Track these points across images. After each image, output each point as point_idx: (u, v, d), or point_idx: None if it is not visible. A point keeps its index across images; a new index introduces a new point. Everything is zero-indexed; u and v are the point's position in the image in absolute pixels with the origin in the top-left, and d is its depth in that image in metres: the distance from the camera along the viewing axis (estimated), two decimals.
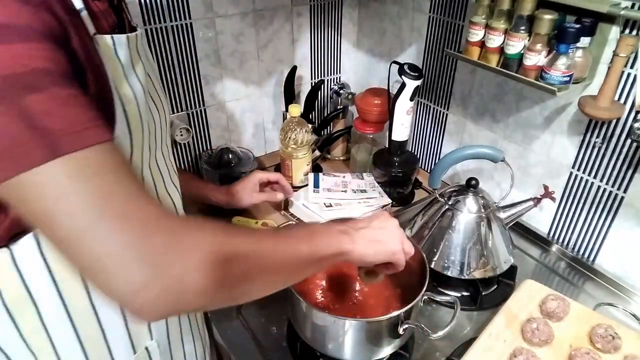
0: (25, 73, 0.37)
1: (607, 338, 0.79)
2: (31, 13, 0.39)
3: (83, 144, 0.38)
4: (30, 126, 0.36)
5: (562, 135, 1.00)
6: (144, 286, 0.39)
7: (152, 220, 0.41)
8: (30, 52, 0.38)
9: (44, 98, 0.37)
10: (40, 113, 0.37)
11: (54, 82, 0.39)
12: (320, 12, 1.33)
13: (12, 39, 0.37)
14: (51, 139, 0.37)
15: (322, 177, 1.19)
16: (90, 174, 0.39)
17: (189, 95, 1.21)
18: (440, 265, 0.93)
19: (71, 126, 0.38)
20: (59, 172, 0.37)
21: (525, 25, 0.87)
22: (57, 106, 0.38)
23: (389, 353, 0.79)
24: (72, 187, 0.38)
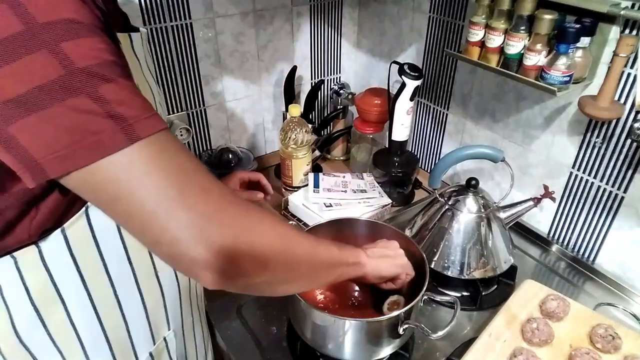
0: (99, 64, 0.39)
1: (607, 338, 0.79)
2: (89, 10, 0.41)
3: (154, 128, 0.41)
4: (107, 114, 0.39)
5: (562, 135, 1.00)
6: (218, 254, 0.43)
7: (227, 194, 0.45)
8: (99, 45, 0.40)
9: (115, 87, 0.40)
10: (114, 101, 0.39)
11: (120, 73, 0.41)
12: (320, 12, 1.33)
13: (81, 33, 0.39)
14: (127, 126, 0.40)
15: (322, 177, 1.19)
16: (166, 155, 0.42)
17: (189, 95, 1.21)
18: (440, 265, 0.93)
19: (141, 113, 0.41)
20: (139, 155, 0.40)
21: (525, 25, 0.87)
22: (127, 95, 0.41)
23: (389, 353, 0.79)
24: (152, 166, 0.41)
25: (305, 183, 1.22)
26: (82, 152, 0.38)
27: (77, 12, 0.39)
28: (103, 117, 0.39)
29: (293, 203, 1.15)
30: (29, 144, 0.38)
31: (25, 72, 0.37)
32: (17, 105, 0.37)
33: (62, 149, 0.38)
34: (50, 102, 0.37)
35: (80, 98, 0.38)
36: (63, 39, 0.38)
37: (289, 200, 1.16)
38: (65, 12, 0.39)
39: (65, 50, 0.38)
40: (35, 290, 0.53)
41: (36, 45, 0.37)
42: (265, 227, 0.48)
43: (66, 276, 0.54)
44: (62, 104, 0.38)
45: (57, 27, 0.38)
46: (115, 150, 0.39)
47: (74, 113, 0.38)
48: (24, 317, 0.54)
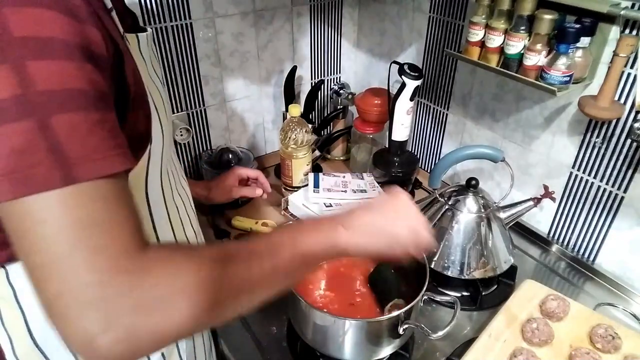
0: (61, 91, 0.37)
1: (607, 338, 0.79)
2: (77, 29, 0.38)
3: (95, 173, 0.38)
4: (48, 148, 0.36)
5: (562, 135, 1.00)
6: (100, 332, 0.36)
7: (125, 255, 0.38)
8: (69, 70, 0.37)
9: (71, 120, 0.37)
10: (62, 135, 0.36)
11: (86, 104, 0.38)
12: (320, 12, 1.33)
13: (55, 55, 0.37)
14: (67, 165, 0.36)
15: (322, 177, 1.19)
16: (84, 202, 0.37)
17: (189, 95, 1.21)
18: (440, 265, 0.93)
19: (90, 153, 0.38)
20: (66, 199, 0.37)
21: (525, 25, 0.87)
22: (81, 130, 0.37)
23: (389, 353, 0.79)
24: (59, 212, 0.37)
25: (305, 183, 1.22)
26: (10, 183, 0.35)
27: (58, 30, 0.37)
28: (44, 151, 0.36)
29: (293, 203, 1.15)
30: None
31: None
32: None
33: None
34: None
35: (27, 124, 0.35)
36: (32, 57, 0.36)
37: (289, 200, 1.16)
38: (44, 29, 0.36)
39: (29, 69, 0.35)
40: None
41: (1, 58, 0.35)
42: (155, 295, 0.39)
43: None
44: (8, 126, 0.35)
45: (30, 44, 0.36)
46: (43, 190, 0.36)
47: (16, 138, 0.35)
48: (39, 320, 0.54)
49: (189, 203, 0.73)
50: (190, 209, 0.73)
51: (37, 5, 0.36)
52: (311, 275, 0.93)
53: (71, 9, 0.38)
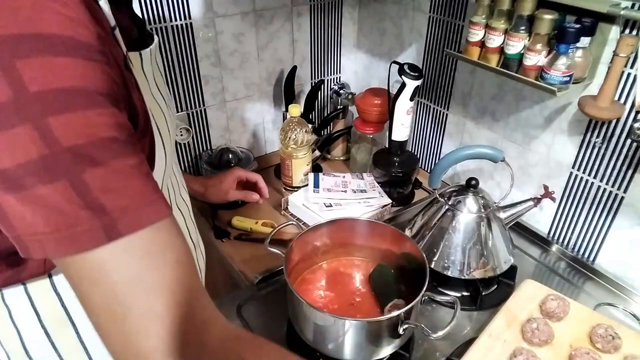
0: (89, 144, 0.35)
1: (607, 338, 0.79)
2: (99, 72, 0.36)
3: (140, 224, 0.37)
4: (87, 205, 0.35)
5: (562, 135, 1.00)
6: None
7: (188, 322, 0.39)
8: (96, 119, 0.36)
9: (103, 173, 0.36)
10: (98, 190, 0.35)
11: (118, 152, 0.37)
12: (320, 12, 1.33)
13: (75, 106, 0.35)
14: (108, 220, 0.36)
15: (322, 177, 1.19)
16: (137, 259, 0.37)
17: (189, 95, 1.21)
18: (440, 265, 0.93)
19: (131, 203, 0.37)
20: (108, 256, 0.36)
21: (525, 25, 0.87)
22: (118, 181, 0.36)
23: (389, 353, 0.79)
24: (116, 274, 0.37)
25: (305, 183, 1.22)
26: (57, 243, 0.35)
27: (79, 78, 0.35)
28: (82, 208, 0.35)
29: (293, 203, 1.15)
30: (13, 220, 0.36)
31: (9, 146, 0.33)
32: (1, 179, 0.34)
33: (40, 234, 0.35)
34: (29, 184, 0.34)
35: (60, 184, 0.34)
36: (52, 112, 0.34)
37: (289, 200, 1.16)
38: (63, 79, 0.34)
39: (52, 127, 0.34)
40: (46, 314, 0.53)
41: (22, 118, 0.33)
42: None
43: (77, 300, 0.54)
44: (41, 188, 0.34)
45: (47, 98, 0.34)
46: (88, 248, 0.36)
47: (51, 200, 0.34)
48: (34, 338, 0.54)
49: (189, 214, 0.72)
50: (190, 220, 0.72)
51: (50, 53, 0.34)
52: (311, 276, 0.93)
53: (87, 52, 0.36)
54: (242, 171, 1.08)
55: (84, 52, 0.36)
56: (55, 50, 0.34)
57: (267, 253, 0.89)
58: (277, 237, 0.93)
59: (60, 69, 0.34)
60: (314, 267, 0.95)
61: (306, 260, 0.93)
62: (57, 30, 0.35)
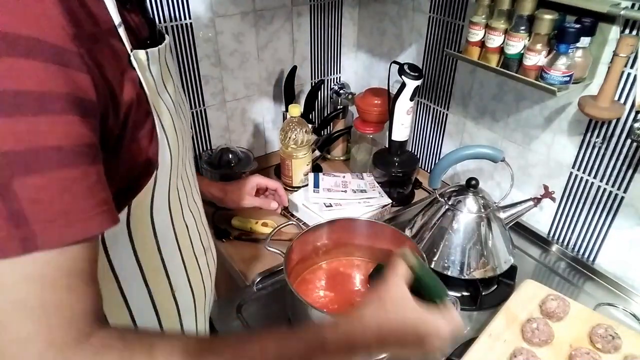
0: (29, 151, 0.34)
1: (607, 338, 0.79)
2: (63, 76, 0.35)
3: (59, 241, 0.36)
4: (10, 214, 0.34)
5: (562, 135, 1.00)
6: None
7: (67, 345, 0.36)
8: (44, 126, 0.34)
9: (36, 182, 0.34)
10: (26, 200, 0.34)
11: (61, 162, 0.35)
12: (320, 12, 1.33)
13: (29, 109, 0.34)
14: (28, 232, 0.34)
15: (322, 177, 1.19)
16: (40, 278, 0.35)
17: (189, 95, 1.21)
18: (440, 265, 0.93)
19: (58, 218, 0.35)
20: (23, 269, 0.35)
21: (525, 25, 0.87)
22: (49, 193, 0.35)
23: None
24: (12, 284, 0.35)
25: (305, 183, 1.22)
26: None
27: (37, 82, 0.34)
28: (3, 217, 0.34)
29: (293, 203, 1.15)
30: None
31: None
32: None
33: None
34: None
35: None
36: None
37: (289, 200, 1.16)
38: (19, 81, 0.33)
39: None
40: None
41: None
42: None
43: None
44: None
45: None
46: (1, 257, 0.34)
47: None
48: None
49: (200, 217, 0.71)
50: (201, 224, 0.71)
51: (12, 54, 0.33)
52: (311, 276, 0.93)
53: (54, 54, 0.35)
54: (262, 178, 1.06)
55: (50, 55, 0.35)
56: (16, 52, 0.33)
57: (267, 253, 0.89)
58: (277, 237, 0.93)
59: (19, 70, 0.33)
60: (314, 267, 0.95)
61: (306, 260, 0.93)
62: (25, 30, 0.34)
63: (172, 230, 0.60)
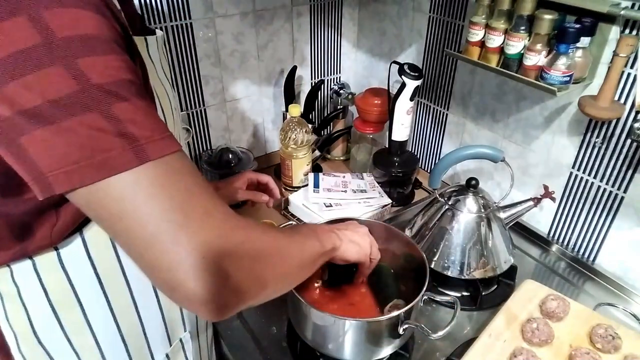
0: (114, 82, 0.39)
1: (607, 338, 0.79)
2: (109, 25, 0.41)
3: (164, 151, 0.41)
4: (118, 133, 0.38)
5: (562, 135, 1.00)
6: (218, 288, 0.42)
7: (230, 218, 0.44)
8: (116, 62, 0.40)
9: (129, 107, 0.40)
10: (127, 120, 0.39)
11: (136, 92, 0.41)
12: (320, 12, 1.33)
13: (100, 51, 0.39)
14: (137, 146, 0.39)
15: (322, 177, 1.19)
16: (174, 177, 0.41)
17: (189, 95, 1.21)
18: (440, 265, 0.93)
19: (154, 134, 0.40)
20: (146, 177, 0.40)
21: (525, 25, 0.87)
22: (140, 115, 0.40)
23: (389, 353, 0.79)
24: (159, 189, 0.40)
25: (305, 183, 1.22)
26: (89, 169, 0.38)
27: (96, 28, 0.39)
28: (114, 136, 0.38)
29: (293, 203, 1.15)
30: (37, 157, 0.38)
31: (40, 85, 0.37)
32: (29, 117, 0.37)
33: (70, 164, 0.38)
34: (62, 117, 0.37)
35: (92, 115, 0.38)
36: (80, 55, 0.38)
37: (289, 200, 1.16)
38: (85, 28, 0.39)
39: (81, 67, 0.38)
40: (53, 291, 0.54)
41: (52, 60, 0.37)
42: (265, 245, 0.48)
43: (83, 278, 0.54)
44: (74, 119, 0.37)
45: (74, 43, 0.38)
46: (123, 170, 0.39)
47: (85, 130, 0.38)
48: (42, 317, 0.55)
49: None
50: None
51: (70, 5, 0.38)
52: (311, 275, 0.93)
53: (99, 8, 0.40)
54: (252, 173, 1.07)
55: (96, 7, 0.40)
56: (74, 3, 0.39)
57: None
58: None
59: (80, 18, 0.39)
60: None
61: None
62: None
63: None
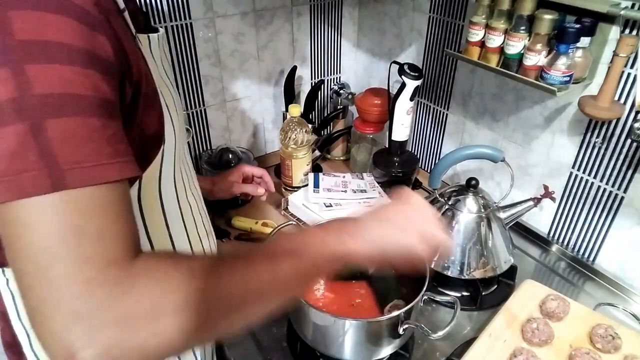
0: (59, 95, 0.36)
1: (607, 338, 0.79)
2: (84, 34, 0.38)
3: (87, 181, 0.37)
4: (41, 152, 0.35)
5: (562, 135, 1.00)
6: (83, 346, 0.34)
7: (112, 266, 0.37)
8: (72, 75, 0.37)
9: (67, 125, 0.36)
10: (56, 140, 0.36)
11: (86, 110, 0.37)
12: (320, 12, 1.33)
13: (59, 59, 0.36)
14: (58, 171, 0.35)
15: (322, 177, 1.19)
16: (74, 209, 0.36)
17: (189, 95, 1.21)
18: (440, 265, 0.93)
19: (83, 160, 0.37)
20: (47, 204, 0.35)
21: (525, 25, 0.87)
22: (77, 136, 0.37)
23: (389, 353, 0.79)
24: (48, 218, 0.35)
25: (305, 183, 1.22)
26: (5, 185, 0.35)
27: (66, 35, 0.37)
28: (35, 155, 0.35)
29: (293, 203, 1.15)
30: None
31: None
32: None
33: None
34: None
35: (21, 126, 0.35)
36: (32, 60, 0.35)
37: (289, 200, 1.16)
38: (51, 33, 0.36)
39: (28, 72, 0.35)
40: None
41: (2, 62, 0.35)
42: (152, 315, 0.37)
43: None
44: (1, 129, 0.35)
45: (31, 47, 0.35)
46: (32, 194, 0.35)
47: (9, 141, 0.35)
48: None
49: (201, 202, 0.74)
50: (202, 208, 0.73)
51: (42, 8, 0.36)
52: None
53: (80, 14, 0.38)
54: (247, 166, 1.08)
55: (76, 13, 0.37)
56: (46, 6, 0.36)
57: None
58: None
59: (50, 24, 0.36)
60: None
61: None
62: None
63: (178, 207, 0.63)
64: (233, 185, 1.05)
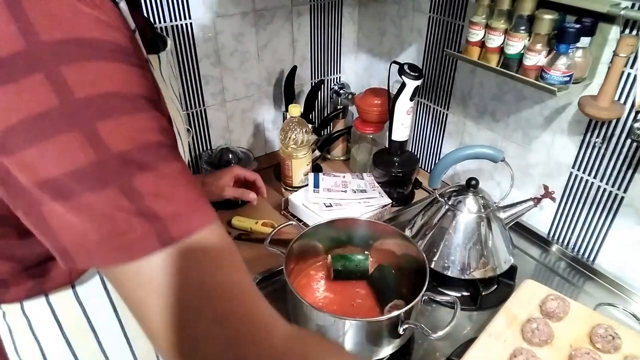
0: (138, 148, 0.34)
1: (607, 338, 0.79)
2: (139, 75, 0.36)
3: (191, 229, 0.36)
4: (139, 212, 0.34)
5: (562, 135, 1.00)
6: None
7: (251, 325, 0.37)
8: (142, 123, 0.35)
9: (154, 178, 0.35)
10: (149, 195, 0.34)
11: (165, 157, 0.36)
12: (320, 12, 1.33)
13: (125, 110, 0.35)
14: (160, 227, 0.34)
15: (322, 177, 1.19)
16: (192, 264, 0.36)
17: (189, 95, 1.21)
18: (440, 265, 0.93)
19: (179, 209, 0.36)
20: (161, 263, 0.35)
21: (525, 25, 0.87)
22: (167, 185, 0.35)
23: (389, 353, 0.79)
24: (171, 280, 0.35)
25: (305, 183, 1.22)
26: (109, 252, 0.34)
27: (122, 83, 0.35)
28: (134, 215, 0.34)
29: (293, 203, 1.15)
30: (59, 231, 0.35)
31: (57, 154, 0.33)
32: (47, 189, 0.33)
33: (91, 244, 0.34)
34: (78, 192, 0.33)
35: (110, 191, 0.33)
36: (99, 117, 0.33)
37: (289, 200, 1.16)
38: (108, 84, 0.34)
39: (99, 132, 0.33)
40: (67, 323, 0.53)
41: (69, 125, 0.33)
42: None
43: (98, 307, 0.53)
44: (90, 196, 0.33)
45: (94, 103, 0.33)
46: (142, 256, 0.34)
47: (102, 207, 0.34)
48: (56, 350, 0.54)
49: None
50: None
51: (92, 58, 0.34)
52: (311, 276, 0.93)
53: (125, 55, 0.36)
54: (240, 169, 1.06)
55: (124, 56, 0.35)
56: (98, 55, 0.34)
57: (267, 253, 0.89)
58: (277, 237, 0.93)
59: (105, 73, 0.34)
60: (314, 267, 0.95)
61: (306, 260, 0.93)
62: (98, 34, 0.34)
63: None
64: (224, 189, 1.02)
